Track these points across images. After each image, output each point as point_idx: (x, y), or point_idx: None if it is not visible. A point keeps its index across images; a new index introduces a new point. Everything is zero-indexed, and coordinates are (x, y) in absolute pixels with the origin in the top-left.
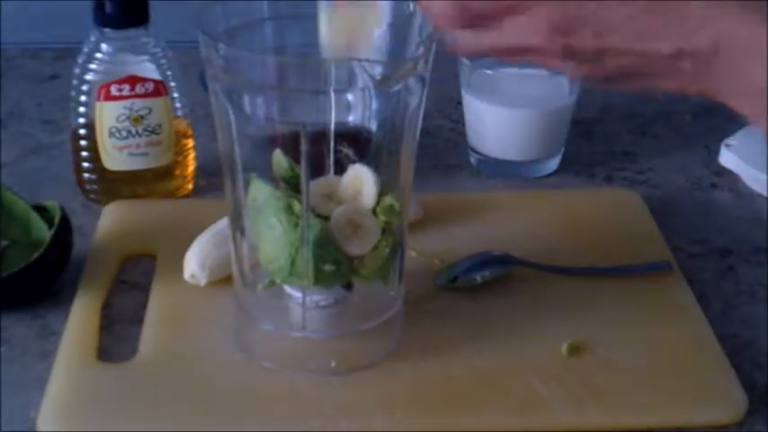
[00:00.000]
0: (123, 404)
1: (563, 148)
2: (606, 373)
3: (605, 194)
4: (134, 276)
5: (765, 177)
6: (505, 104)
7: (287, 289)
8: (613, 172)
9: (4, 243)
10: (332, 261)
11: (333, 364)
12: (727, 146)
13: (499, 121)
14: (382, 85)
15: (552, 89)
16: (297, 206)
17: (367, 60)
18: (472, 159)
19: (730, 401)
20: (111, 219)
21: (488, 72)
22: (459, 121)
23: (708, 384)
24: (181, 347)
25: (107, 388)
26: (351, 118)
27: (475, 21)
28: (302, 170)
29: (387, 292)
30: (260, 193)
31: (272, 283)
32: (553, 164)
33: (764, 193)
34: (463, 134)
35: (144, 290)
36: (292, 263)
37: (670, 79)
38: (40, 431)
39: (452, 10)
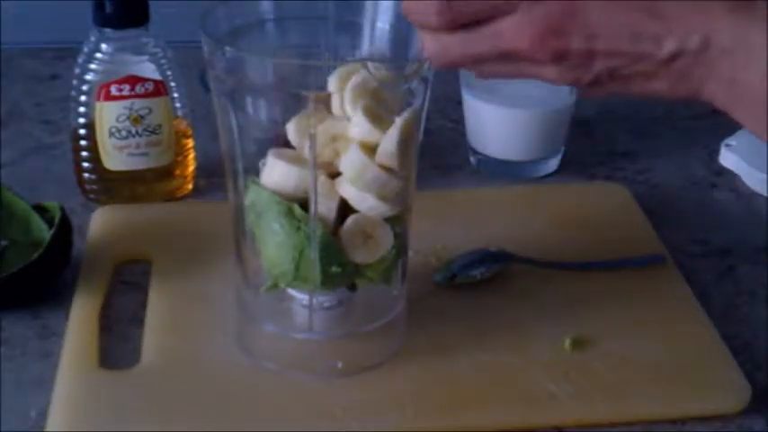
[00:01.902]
0: (130, 413)
1: (563, 148)
2: (610, 366)
3: (593, 189)
4: (133, 276)
5: (765, 177)
6: (505, 104)
7: (290, 291)
8: (613, 172)
9: (4, 243)
10: (337, 264)
11: (339, 365)
12: (727, 146)
13: (499, 121)
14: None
15: (552, 89)
16: (297, 210)
17: (374, 61)
18: (472, 159)
19: (734, 390)
20: (101, 223)
21: None
22: (459, 121)
23: (711, 374)
24: (184, 353)
25: (112, 397)
26: None
27: (460, 22)
28: (309, 174)
29: (390, 292)
30: (260, 197)
31: (275, 286)
32: (553, 164)
33: (764, 193)
34: (463, 134)
35: (143, 290)
36: (296, 267)
37: (659, 81)
38: None
39: (437, 9)
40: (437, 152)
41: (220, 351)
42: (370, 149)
